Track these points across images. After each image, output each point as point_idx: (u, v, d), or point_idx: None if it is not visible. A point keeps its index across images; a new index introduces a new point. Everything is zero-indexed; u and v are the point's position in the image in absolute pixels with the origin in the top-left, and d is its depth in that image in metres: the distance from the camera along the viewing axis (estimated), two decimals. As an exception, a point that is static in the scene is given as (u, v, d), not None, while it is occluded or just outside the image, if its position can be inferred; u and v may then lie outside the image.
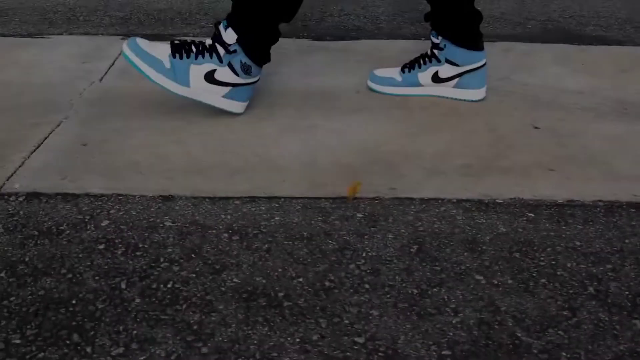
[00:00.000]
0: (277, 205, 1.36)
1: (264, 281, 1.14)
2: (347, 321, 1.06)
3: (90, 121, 1.70)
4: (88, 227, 1.28)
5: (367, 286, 1.14)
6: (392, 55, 2.16)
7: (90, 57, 2.08)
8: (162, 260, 1.19)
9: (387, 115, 1.77)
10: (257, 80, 1.73)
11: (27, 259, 1.19)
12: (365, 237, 1.27)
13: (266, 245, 1.24)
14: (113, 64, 2.04)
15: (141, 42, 1.64)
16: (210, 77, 1.66)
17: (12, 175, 1.45)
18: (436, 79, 1.85)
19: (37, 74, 1.97)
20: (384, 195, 1.41)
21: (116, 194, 1.39)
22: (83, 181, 1.44)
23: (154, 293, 1.11)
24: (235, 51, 1.65)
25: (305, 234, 1.27)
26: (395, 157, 1.56)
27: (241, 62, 1.66)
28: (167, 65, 1.63)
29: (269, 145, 1.60)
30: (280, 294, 1.11)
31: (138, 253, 1.21)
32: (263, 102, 1.82)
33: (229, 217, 1.32)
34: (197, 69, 1.64)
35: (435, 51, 1.84)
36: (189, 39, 1.79)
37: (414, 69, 1.87)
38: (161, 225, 1.29)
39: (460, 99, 1.85)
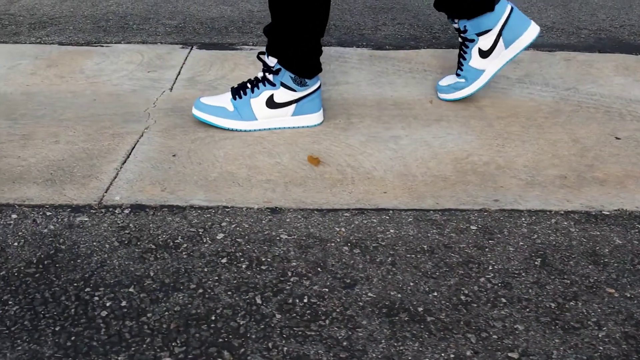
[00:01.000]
0: (387, 217, 1.35)
1: (399, 295, 1.13)
2: (495, 336, 1.05)
3: (172, 131, 1.68)
4: (204, 241, 1.26)
5: (503, 300, 1.13)
6: (454, 64, 2.16)
7: (154, 66, 2.06)
8: (289, 274, 1.18)
9: (466, 125, 1.76)
10: (319, 86, 1.74)
11: (152, 274, 1.17)
12: (486, 250, 1.26)
13: (390, 259, 1.22)
14: (180, 73, 2.02)
15: (205, 99, 1.72)
16: (271, 103, 1.70)
17: (109, 187, 1.43)
18: (483, 54, 1.83)
19: (105, 83, 1.94)
20: (489, 207, 1.40)
21: (222, 206, 1.37)
22: (183, 193, 1.42)
23: (292, 308, 1.10)
24: (280, 70, 1.67)
25: (425, 247, 1.26)
26: (488, 168, 1.55)
27: (291, 78, 1.68)
28: (231, 108, 1.70)
29: (358, 155, 1.59)
30: (420, 309, 1.10)
31: (263, 267, 1.19)
32: (339, 112, 1.82)
33: (343, 229, 1.31)
34: (257, 101, 1.69)
35: (463, 35, 1.83)
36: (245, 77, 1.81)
37: (463, 65, 1.86)
38: (278, 238, 1.27)
39: (522, 50, 1.82)
